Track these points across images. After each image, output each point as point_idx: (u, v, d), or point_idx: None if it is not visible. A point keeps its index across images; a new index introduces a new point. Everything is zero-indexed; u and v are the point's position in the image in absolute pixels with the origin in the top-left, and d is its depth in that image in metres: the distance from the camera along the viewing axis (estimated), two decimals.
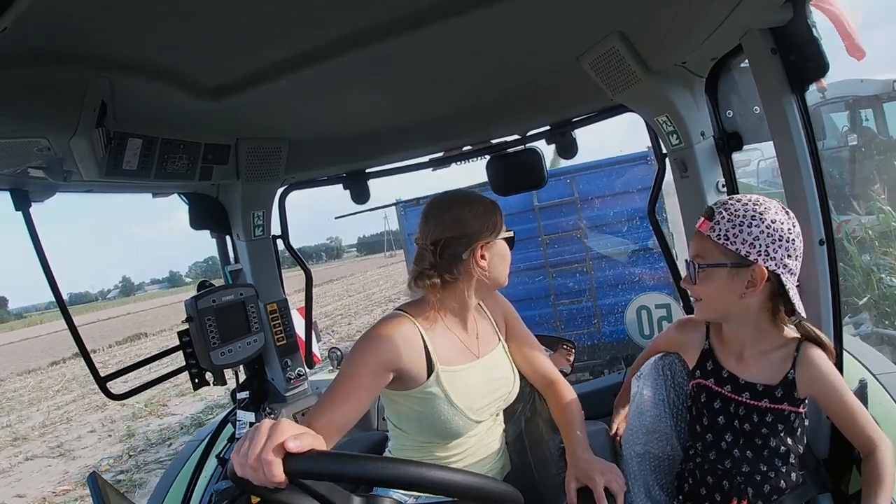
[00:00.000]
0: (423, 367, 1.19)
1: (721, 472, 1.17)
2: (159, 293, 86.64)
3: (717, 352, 1.21)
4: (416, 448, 1.26)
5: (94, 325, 29.29)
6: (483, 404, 1.25)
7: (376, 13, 1.07)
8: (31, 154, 1.12)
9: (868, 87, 7.00)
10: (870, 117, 7.14)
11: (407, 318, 1.21)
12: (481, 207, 1.24)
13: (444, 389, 1.19)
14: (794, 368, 1.10)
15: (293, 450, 0.74)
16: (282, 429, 0.76)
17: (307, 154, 1.86)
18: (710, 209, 1.09)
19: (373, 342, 1.15)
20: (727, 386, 1.17)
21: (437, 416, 1.19)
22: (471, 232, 1.22)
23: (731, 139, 1.48)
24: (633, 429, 1.30)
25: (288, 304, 2.04)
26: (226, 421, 1.94)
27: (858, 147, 6.95)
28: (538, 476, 1.37)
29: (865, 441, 1.06)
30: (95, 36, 0.96)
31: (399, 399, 1.22)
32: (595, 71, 1.41)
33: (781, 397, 1.11)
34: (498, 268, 1.26)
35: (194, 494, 1.77)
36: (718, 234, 1.06)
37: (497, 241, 1.26)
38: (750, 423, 1.13)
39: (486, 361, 1.30)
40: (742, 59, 1.36)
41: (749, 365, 1.15)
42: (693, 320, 1.30)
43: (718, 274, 1.07)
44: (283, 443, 0.75)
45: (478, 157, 2.02)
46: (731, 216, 1.06)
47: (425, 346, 1.20)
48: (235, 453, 0.77)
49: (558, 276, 6.01)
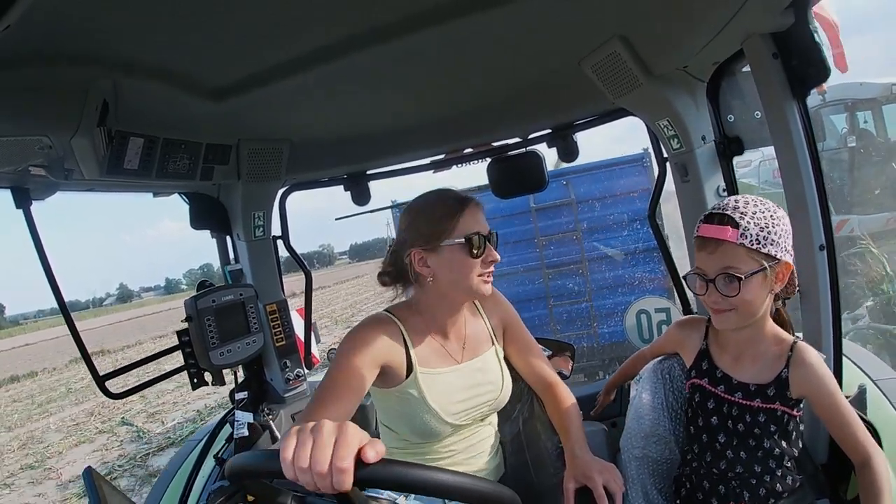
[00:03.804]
0: (404, 367, 1.20)
1: (717, 476, 1.17)
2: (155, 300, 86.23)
3: (712, 352, 1.22)
4: (401, 446, 1.27)
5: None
6: (462, 409, 1.24)
7: (378, 15, 1.07)
8: (32, 152, 1.12)
9: (867, 90, 7.08)
10: (869, 119, 7.23)
11: (390, 318, 1.23)
12: (438, 211, 1.19)
13: (420, 391, 1.20)
14: (787, 367, 1.10)
15: (372, 459, 0.69)
16: (352, 433, 0.70)
17: (308, 155, 1.87)
18: (725, 216, 1.05)
19: (356, 341, 1.16)
20: (720, 386, 1.17)
21: (415, 417, 1.20)
22: (413, 237, 1.20)
23: (732, 144, 1.49)
24: (632, 432, 1.30)
25: (287, 304, 2.04)
26: (224, 421, 1.94)
27: (857, 149, 7.06)
28: (535, 476, 1.37)
29: (857, 449, 1.05)
30: (97, 36, 0.96)
31: (382, 396, 1.24)
32: (596, 74, 1.41)
33: (773, 396, 1.11)
34: (447, 275, 1.19)
35: (191, 494, 1.76)
36: (751, 240, 1.03)
37: (443, 246, 1.17)
38: (743, 424, 1.13)
39: (471, 365, 1.29)
40: (743, 63, 1.36)
41: (744, 365, 1.16)
42: (694, 320, 1.30)
43: (757, 280, 1.05)
44: (359, 449, 0.69)
45: (479, 160, 2.02)
46: (756, 221, 1.04)
47: (406, 346, 1.21)
48: (291, 454, 0.69)
49: (555, 277, 6.03)
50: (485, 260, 1.20)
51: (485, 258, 1.20)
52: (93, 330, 29.75)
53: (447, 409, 1.22)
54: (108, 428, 8.47)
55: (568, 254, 5.99)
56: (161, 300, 78.24)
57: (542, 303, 6.05)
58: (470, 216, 1.20)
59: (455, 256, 1.18)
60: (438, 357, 1.25)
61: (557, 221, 5.97)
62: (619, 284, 5.84)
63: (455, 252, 1.18)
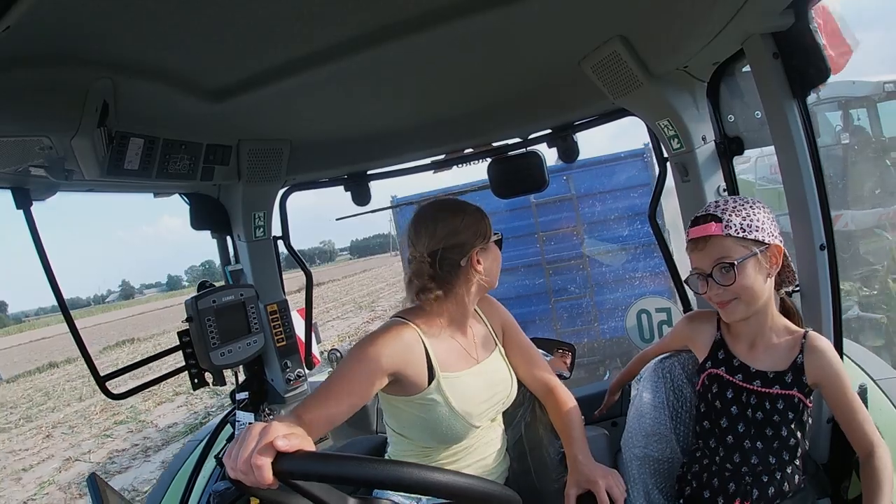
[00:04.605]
0: (425, 374, 1.19)
1: (729, 472, 1.17)
2: (159, 296, 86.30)
3: (728, 342, 1.23)
4: (416, 453, 1.26)
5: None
6: (483, 409, 1.25)
7: (378, 15, 1.07)
8: (32, 153, 1.12)
9: (860, 89, 7.35)
10: (862, 116, 7.52)
11: (408, 324, 1.22)
12: (470, 216, 1.27)
13: (444, 396, 1.19)
14: (801, 354, 1.13)
15: (282, 448, 0.76)
16: (271, 429, 0.78)
17: (308, 155, 1.87)
18: (708, 215, 1.14)
19: (374, 347, 1.15)
20: (738, 375, 1.18)
21: (439, 423, 1.20)
22: (465, 240, 1.25)
23: (733, 143, 1.49)
24: (633, 432, 1.30)
25: (288, 304, 2.04)
26: (225, 421, 1.94)
27: (851, 145, 7.32)
28: (538, 481, 1.37)
29: (863, 441, 1.08)
30: (97, 37, 0.96)
31: (400, 405, 1.23)
32: (597, 75, 1.41)
33: (791, 382, 1.13)
34: (493, 270, 1.31)
35: (192, 495, 1.76)
36: (735, 229, 1.10)
37: (489, 245, 1.30)
38: (762, 411, 1.15)
39: (486, 366, 1.30)
40: (744, 63, 1.36)
41: (760, 354, 1.18)
42: (704, 313, 1.31)
43: (751, 265, 1.11)
44: (271, 443, 0.76)
45: (479, 160, 2.02)
46: (736, 212, 1.12)
47: (426, 352, 1.20)
48: (227, 456, 0.79)
49: (555, 273, 6.03)
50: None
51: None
52: (109, 323, 31.13)
53: (471, 412, 1.22)
54: (183, 390, 9.34)
55: (569, 249, 5.98)
56: (165, 296, 78.25)
57: (544, 298, 6.04)
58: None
59: (496, 252, 1.32)
60: (458, 358, 1.26)
61: (558, 217, 5.96)
62: (621, 280, 5.84)
63: (494, 248, 1.32)
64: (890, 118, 7.38)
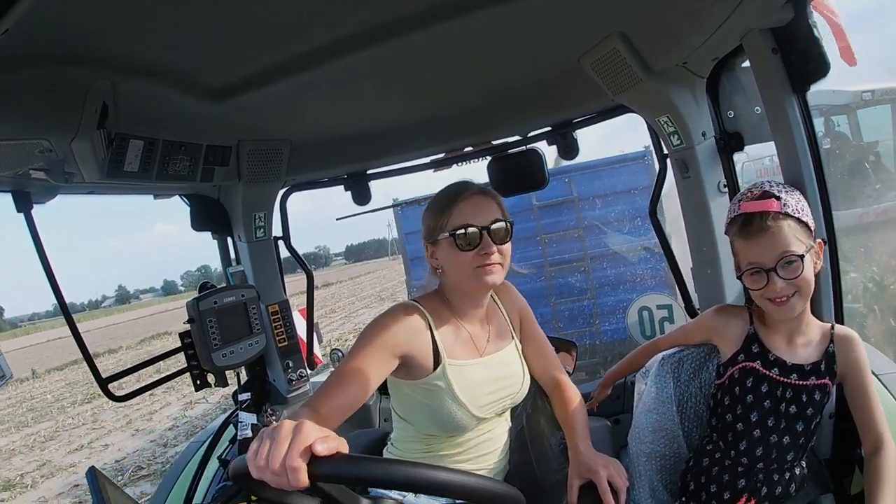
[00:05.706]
0: (430, 358, 1.19)
1: (742, 469, 1.17)
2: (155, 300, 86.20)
3: (762, 336, 1.20)
4: (419, 440, 1.27)
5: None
6: (488, 401, 1.25)
7: (377, 15, 1.07)
8: (32, 156, 1.12)
9: (839, 98, 7.61)
10: (842, 123, 7.82)
11: (417, 307, 1.22)
12: (430, 209, 1.23)
13: (448, 383, 1.19)
14: (832, 343, 1.14)
15: (321, 453, 0.71)
16: (307, 431, 0.72)
17: (308, 155, 1.86)
18: (765, 192, 1.09)
19: (381, 328, 1.16)
20: (774, 369, 1.16)
21: (441, 409, 1.19)
22: (423, 231, 1.26)
23: (733, 139, 1.48)
24: (640, 427, 1.30)
25: (289, 305, 2.04)
26: (227, 422, 1.94)
27: (833, 150, 7.57)
28: (539, 472, 1.37)
29: (874, 435, 1.08)
30: (96, 38, 0.96)
31: (405, 388, 1.23)
32: (596, 72, 1.41)
33: (825, 371, 1.13)
34: (450, 267, 1.22)
35: (196, 496, 1.76)
36: (794, 209, 1.07)
37: (440, 240, 1.20)
38: (796, 405, 1.14)
39: (495, 359, 1.29)
40: (743, 59, 1.36)
41: (797, 348, 1.17)
42: (733, 307, 1.30)
43: (809, 258, 1.08)
44: (309, 446, 0.71)
45: (479, 158, 2.02)
46: (789, 194, 1.09)
47: (433, 337, 1.20)
48: (253, 455, 0.73)
49: (557, 275, 6.04)
50: (479, 252, 1.17)
51: (479, 251, 1.17)
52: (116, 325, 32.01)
53: (475, 402, 1.22)
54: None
55: (570, 251, 6.00)
56: (162, 300, 78.15)
57: (546, 300, 6.05)
58: (463, 208, 1.19)
59: (449, 250, 1.19)
60: (465, 348, 1.26)
61: (560, 219, 5.99)
62: (622, 282, 5.85)
63: (449, 246, 1.19)
64: (868, 124, 7.76)
